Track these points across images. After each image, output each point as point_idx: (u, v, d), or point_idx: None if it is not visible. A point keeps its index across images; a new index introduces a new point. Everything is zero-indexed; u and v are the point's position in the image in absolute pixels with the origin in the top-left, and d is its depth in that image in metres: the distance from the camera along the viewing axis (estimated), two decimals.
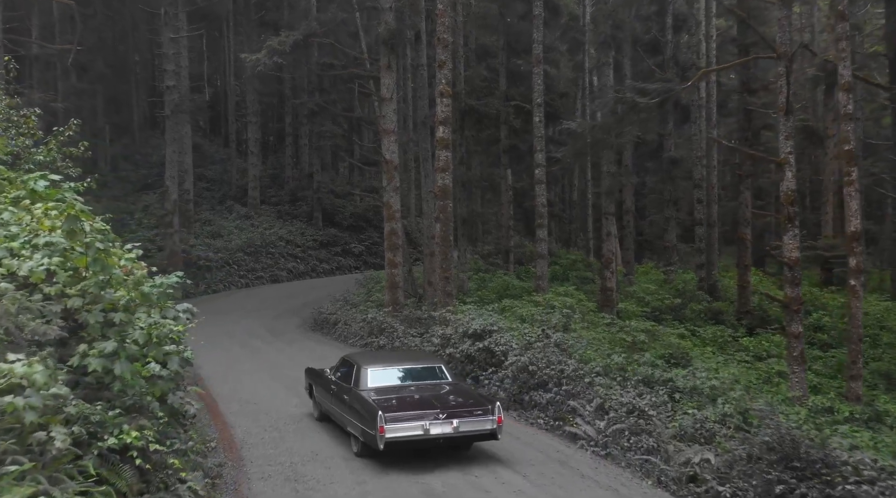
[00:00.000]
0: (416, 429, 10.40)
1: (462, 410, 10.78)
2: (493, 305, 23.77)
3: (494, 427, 10.79)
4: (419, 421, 10.44)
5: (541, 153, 25.67)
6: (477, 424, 10.74)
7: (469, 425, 10.67)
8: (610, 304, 27.20)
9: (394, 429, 10.26)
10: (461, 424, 10.59)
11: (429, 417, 10.50)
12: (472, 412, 10.77)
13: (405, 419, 10.42)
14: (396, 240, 24.02)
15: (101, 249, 7.54)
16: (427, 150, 27.44)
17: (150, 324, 8.10)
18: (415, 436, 10.42)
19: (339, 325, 24.67)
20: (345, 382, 11.98)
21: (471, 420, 10.70)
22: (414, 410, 10.62)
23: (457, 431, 10.57)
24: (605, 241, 27.93)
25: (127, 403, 7.70)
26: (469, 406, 10.91)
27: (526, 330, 17.45)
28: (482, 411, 10.82)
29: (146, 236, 35.18)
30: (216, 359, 19.91)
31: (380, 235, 42.64)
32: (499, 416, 10.84)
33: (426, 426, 10.42)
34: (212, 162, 46.62)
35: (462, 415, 10.67)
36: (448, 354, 17.47)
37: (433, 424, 10.45)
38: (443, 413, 10.57)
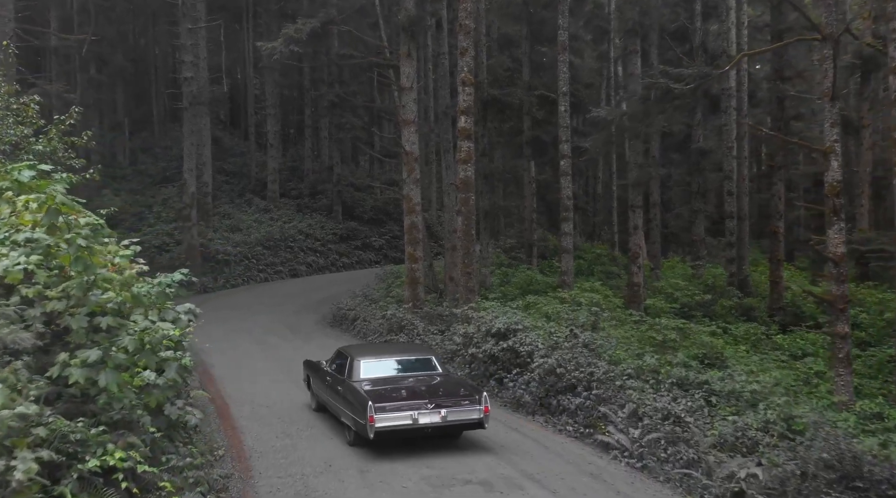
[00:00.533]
0: (405, 418, 10.64)
1: (450, 400, 11.02)
2: (516, 302, 22.82)
3: (481, 416, 11.02)
4: (408, 411, 10.68)
5: (566, 144, 24.64)
6: (464, 414, 10.98)
7: (456, 415, 10.92)
8: (637, 300, 26.14)
9: (383, 418, 10.49)
10: (449, 413, 10.83)
11: (417, 407, 10.74)
12: (460, 402, 11.04)
13: (394, 409, 10.66)
14: (417, 234, 23.13)
15: (84, 246, 6.68)
16: (448, 142, 26.50)
17: (142, 328, 7.24)
18: (404, 425, 10.65)
19: (359, 321, 23.84)
20: (339, 374, 12.20)
21: (458, 410, 10.94)
22: (403, 401, 10.88)
23: (444, 420, 10.81)
24: (631, 234, 26.84)
25: (114, 417, 6.87)
26: (457, 396, 11.18)
27: (552, 329, 16.50)
28: (469, 401, 11.09)
29: (164, 230, 34.66)
30: (231, 357, 19.16)
31: (400, 229, 41.80)
32: (485, 405, 11.08)
33: (415, 416, 10.65)
34: (231, 155, 45.99)
35: (450, 405, 10.91)
36: (470, 354, 16.57)
37: (422, 413, 10.68)
38: (431, 403, 10.81)
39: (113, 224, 34.02)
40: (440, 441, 11.66)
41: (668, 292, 27.96)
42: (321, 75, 42.34)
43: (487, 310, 18.71)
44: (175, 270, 29.89)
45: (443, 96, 26.54)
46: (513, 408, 14.23)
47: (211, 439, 11.78)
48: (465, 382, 12.64)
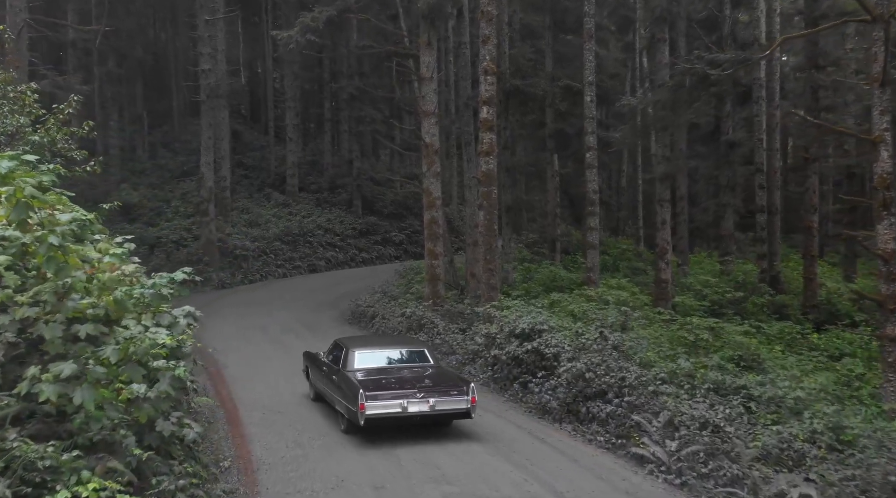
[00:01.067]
0: (394, 407, 10.98)
1: (438, 390, 11.32)
2: (540, 300, 21.88)
3: (468, 407, 11.33)
4: (398, 399, 11.01)
5: (592, 136, 23.60)
6: (452, 404, 11.30)
7: (444, 405, 11.24)
8: (665, 297, 25.09)
9: (374, 406, 10.82)
10: (437, 403, 11.15)
11: (407, 396, 11.07)
12: (448, 393, 11.32)
13: (384, 398, 10.99)
14: (437, 229, 22.23)
15: (57, 245, 5.85)
16: (470, 134, 25.56)
17: (127, 337, 6.40)
18: (393, 413, 10.98)
19: (377, 319, 23.01)
20: (335, 364, 12.50)
21: (446, 400, 11.25)
22: (393, 390, 11.19)
23: (433, 409, 11.14)
24: (659, 229, 25.77)
25: (93, 438, 6.03)
26: (445, 387, 11.46)
27: (579, 329, 15.55)
28: (457, 392, 11.37)
29: (182, 225, 34.04)
30: (245, 356, 18.40)
31: (421, 224, 40.96)
32: (472, 396, 11.36)
33: (404, 404, 10.99)
34: (251, 149, 45.34)
35: (438, 394, 11.22)
36: (493, 356, 15.67)
37: (411, 402, 11.02)
38: (420, 393, 11.15)
39: (131, 219, 33.51)
40: (458, 455, 10.81)
41: (696, 289, 26.87)
42: (341, 68, 41.52)
43: (511, 309, 17.79)
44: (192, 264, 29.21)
45: (464, 87, 25.60)
46: (538, 414, 13.31)
47: (217, 449, 11.00)
48: (455, 374, 12.88)
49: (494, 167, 20.03)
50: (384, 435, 11.58)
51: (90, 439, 5.98)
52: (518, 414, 13.38)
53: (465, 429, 12.11)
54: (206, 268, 31.55)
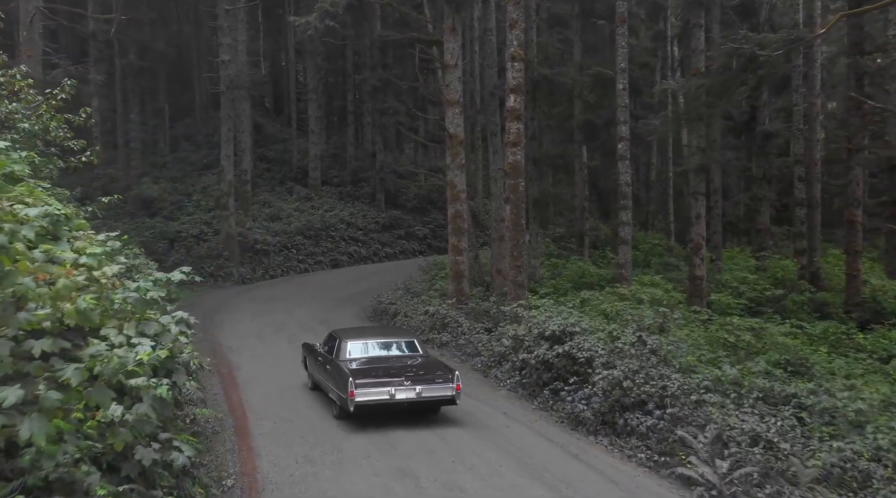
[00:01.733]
0: (383, 394, 11.30)
1: (425, 377, 11.62)
2: (570, 298, 20.70)
3: (453, 394, 11.66)
4: (386, 387, 11.34)
5: (624, 125, 22.30)
6: (437, 391, 11.59)
7: (430, 392, 11.54)
8: (700, 294, 23.77)
9: (363, 393, 11.17)
10: (423, 390, 11.46)
11: (394, 384, 11.39)
12: (434, 380, 11.62)
13: (373, 385, 11.32)
14: (461, 223, 21.11)
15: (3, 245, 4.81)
16: (496, 125, 24.37)
17: (92, 354, 5.36)
18: (382, 400, 11.31)
19: (399, 317, 21.97)
20: (329, 354, 12.89)
21: (432, 387, 11.55)
22: (382, 378, 11.50)
23: (419, 396, 11.44)
24: (693, 224, 24.42)
25: (49, 476, 4.99)
26: (431, 375, 11.74)
27: (615, 332, 14.36)
28: (443, 380, 11.68)
29: (202, 219, 33.24)
30: (260, 357, 17.42)
31: (445, 218, 39.94)
32: (457, 384, 11.68)
33: (392, 392, 11.31)
34: (274, 142, 44.46)
35: (424, 382, 11.53)
36: (521, 360, 14.53)
37: (398, 389, 11.34)
38: (407, 381, 11.45)
39: (152, 213, 32.74)
40: (485, 476, 9.71)
41: (732, 286, 25.50)
42: (364, 59, 40.49)
43: (539, 308, 16.65)
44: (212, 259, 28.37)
45: (489, 76, 24.40)
46: (571, 425, 12.15)
47: (222, 465, 10.01)
48: (441, 363, 13.03)
49: (522, 159, 18.85)
50: (399, 451, 10.54)
51: (44, 479, 4.96)
52: (549, 424, 12.24)
53: (494, 442, 11.01)
54: (225, 263, 30.75)
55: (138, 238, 30.92)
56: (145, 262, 18.94)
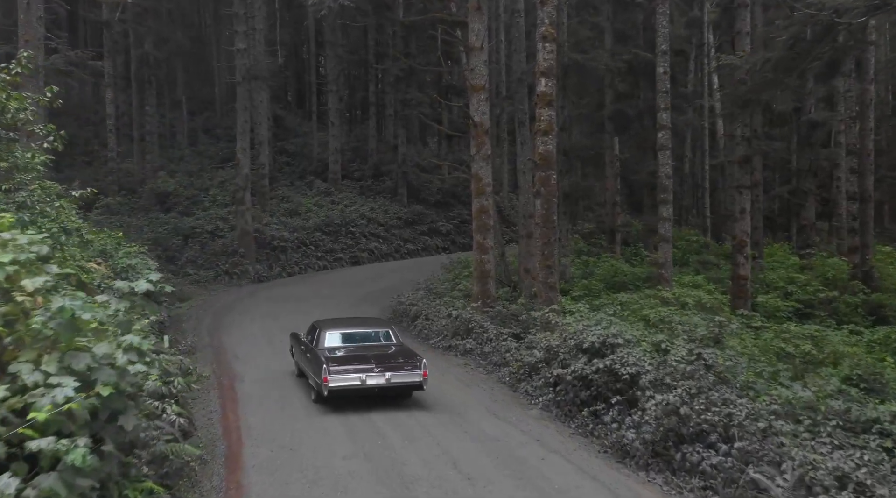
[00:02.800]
0: (354, 380, 11.88)
1: (394, 365, 12.18)
2: (605, 301, 18.76)
3: (421, 380, 12.19)
4: (357, 373, 11.93)
5: (664, 113, 20.24)
6: (406, 377, 12.14)
7: (399, 378, 12.09)
8: (744, 296, 21.69)
9: (336, 379, 11.79)
10: (392, 376, 12.01)
11: (366, 370, 11.98)
12: (403, 367, 12.17)
13: (346, 371, 11.91)
14: (487, 219, 19.24)
15: None
16: (524, 113, 22.43)
17: None
18: (353, 385, 11.89)
19: (420, 319, 20.20)
20: (310, 343, 13.47)
21: (400, 373, 12.10)
22: (354, 365, 12.09)
23: (389, 382, 12.00)
24: (737, 219, 22.31)
25: None
26: (400, 362, 12.30)
27: (664, 343, 12.43)
28: (411, 367, 12.20)
29: (218, 214, 31.69)
30: (267, 367, 15.70)
31: (469, 213, 38.10)
32: (424, 370, 12.20)
33: (363, 378, 11.90)
34: (294, 135, 42.86)
35: (393, 369, 12.07)
36: (555, 376, 12.63)
37: (369, 376, 11.92)
38: (378, 368, 12.01)
39: (167, 208, 31.20)
40: None
41: (778, 287, 23.36)
42: (386, 49, 38.70)
43: (574, 314, 14.75)
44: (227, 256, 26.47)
45: (517, 61, 22.45)
46: (616, 456, 10.24)
47: None
48: (412, 352, 13.24)
49: (553, 148, 16.93)
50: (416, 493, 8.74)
51: None
52: (590, 455, 10.34)
53: (530, 482, 9.14)
54: (241, 260, 29.18)
55: (151, 234, 29.46)
56: (145, 261, 17.29)
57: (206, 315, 22.56)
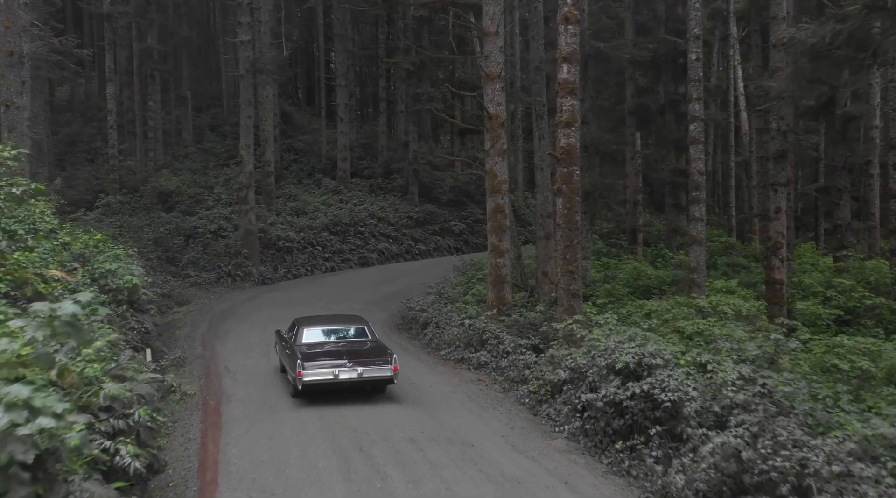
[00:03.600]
0: (327, 374, 12.15)
1: (366, 359, 12.43)
2: (631, 308, 16.92)
3: (391, 374, 12.40)
4: (331, 368, 12.19)
5: (697, 103, 18.34)
6: (377, 372, 12.35)
7: (370, 373, 12.32)
8: (780, 302, 19.76)
9: (310, 374, 12.05)
10: (364, 371, 12.25)
11: (339, 365, 12.22)
12: (374, 362, 12.41)
13: (319, 366, 12.15)
14: (503, 220, 17.45)
15: None
16: (542, 105, 20.62)
17: None
18: (326, 380, 12.15)
19: (430, 327, 18.45)
20: (290, 339, 13.56)
21: (372, 368, 12.32)
22: (328, 360, 12.33)
23: (360, 376, 12.24)
24: (772, 219, 20.38)
25: None
26: (372, 358, 12.53)
27: (708, 362, 10.62)
28: (382, 362, 12.41)
29: (222, 214, 30.04)
30: (260, 384, 13.99)
31: (482, 212, 36.33)
32: (395, 365, 12.41)
33: (336, 372, 12.17)
34: (303, 132, 41.19)
35: (365, 364, 12.32)
36: (584, 401, 10.82)
37: (342, 370, 12.18)
38: (350, 362, 12.27)
39: (169, 207, 29.58)
40: None
41: (816, 292, 21.40)
42: (397, 43, 37.00)
43: (602, 327, 12.92)
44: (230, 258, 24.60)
45: (536, 48, 20.62)
46: None
47: None
48: (384, 348, 13.26)
49: (577, 142, 15.12)
50: None
51: None
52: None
53: None
54: (244, 261, 27.53)
55: (152, 234, 27.88)
56: (129, 266, 15.60)
57: (203, 321, 20.91)
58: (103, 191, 31.66)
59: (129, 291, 14.40)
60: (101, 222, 29.24)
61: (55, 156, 36.69)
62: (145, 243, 27.40)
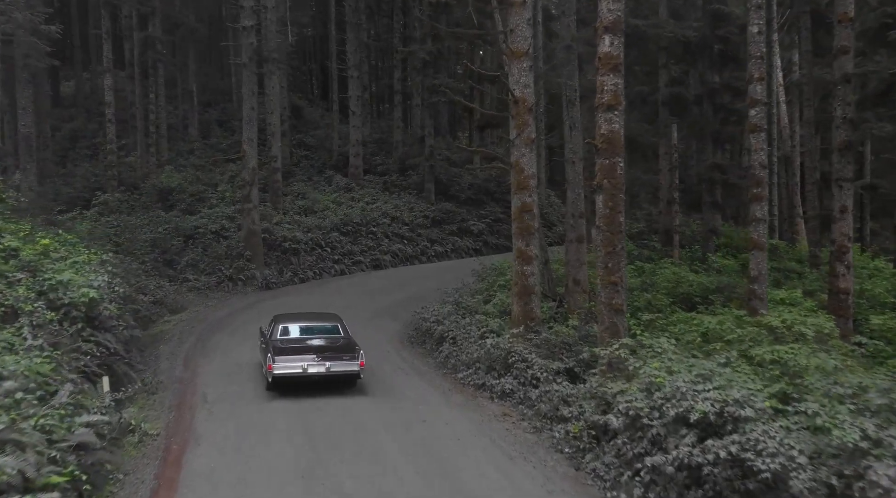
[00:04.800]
0: (296, 368, 12.43)
1: (333, 355, 12.74)
2: (684, 327, 14.04)
3: (358, 369, 12.70)
4: (300, 362, 12.49)
5: (760, 84, 15.33)
6: (344, 367, 12.64)
7: (338, 367, 12.60)
8: (846, 314, 16.88)
9: (280, 367, 12.34)
10: (332, 365, 12.56)
11: (307, 359, 12.55)
12: (342, 358, 12.72)
13: (289, 360, 12.46)
14: (530, 221, 14.66)
15: None
16: (573, 90, 17.78)
17: None
18: (295, 373, 12.44)
19: (446, 343, 15.71)
20: (267, 335, 13.95)
21: (339, 363, 12.63)
22: (297, 354, 12.66)
23: (328, 370, 12.54)
24: (836, 219, 17.48)
25: None
26: (340, 353, 12.84)
27: (819, 417, 7.78)
28: (349, 357, 12.74)
29: (224, 213, 27.48)
30: (239, 420, 11.32)
31: (504, 211, 33.45)
32: (361, 361, 12.70)
33: (304, 366, 12.46)
34: (315, 128, 38.57)
35: (333, 359, 12.64)
36: (649, 466, 8.04)
37: (310, 365, 12.48)
38: (319, 357, 12.60)
39: (169, 205, 27.03)
40: None
41: (886, 302, 18.42)
42: (413, 33, 34.28)
43: (659, 356, 10.09)
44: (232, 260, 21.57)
45: (566, 25, 17.77)
46: None
47: None
48: (353, 344, 13.25)
49: (620, 128, 12.30)
50: None
51: None
52: None
53: None
54: (246, 264, 24.96)
55: (150, 234, 25.38)
56: (87, 276, 12.98)
57: (193, 333, 18.33)
58: (101, 188, 29.23)
59: (86, 306, 11.80)
60: (98, 222, 26.88)
61: (57, 152, 34.41)
62: (141, 245, 24.94)
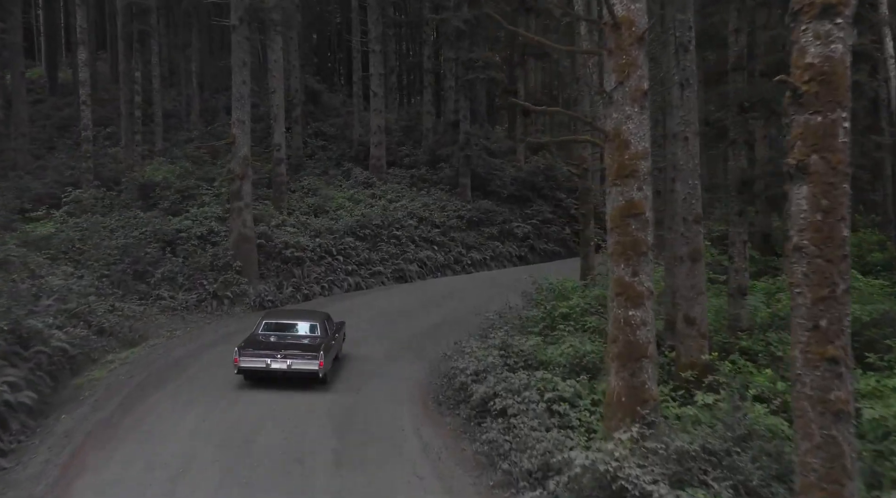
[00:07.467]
0: (260, 363, 12.34)
1: (296, 353, 12.46)
2: None
3: (317, 368, 12.27)
4: (263, 358, 12.36)
5: None
6: (304, 365, 12.36)
7: (298, 365, 12.36)
8: None
9: (245, 361, 12.29)
10: (293, 363, 12.34)
11: (271, 356, 12.38)
12: (304, 356, 12.43)
13: (254, 355, 12.37)
14: (639, 232, 8.15)
15: None
16: (686, 26, 11.15)
17: None
18: (259, 367, 12.35)
19: (492, 418, 9.34)
20: (252, 329, 13.96)
21: (300, 362, 12.37)
22: (263, 350, 12.49)
23: (289, 367, 12.33)
24: None
25: None
26: (303, 352, 12.50)
27: None
28: (311, 357, 12.39)
29: (215, 213, 21.41)
30: None
31: (552, 210, 26.84)
32: (321, 361, 12.24)
33: (268, 362, 12.34)
34: (335, 115, 32.42)
35: (295, 357, 12.40)
36: None
37: (274, 361, 12.33)
38: (281, 354, 12.36)
39: (151, 203, 20.72)
40: None
41: None
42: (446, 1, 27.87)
43: None
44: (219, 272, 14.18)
45: None
46: None
47: None
48: (320, 345, 12.76)
49: (846, 52, 5.73)
50: None
51: None
52: None
53: None
54: (236, 277, 18.89)
55: (121, 239, 19.46)
56: None
57: (125, 388, 12.24)
58: (75, 183, 23.39)
59: None
60: (65, 224, 21.13)
61: (44, 143, 28.81)
62: (106, 253, 19.03)
